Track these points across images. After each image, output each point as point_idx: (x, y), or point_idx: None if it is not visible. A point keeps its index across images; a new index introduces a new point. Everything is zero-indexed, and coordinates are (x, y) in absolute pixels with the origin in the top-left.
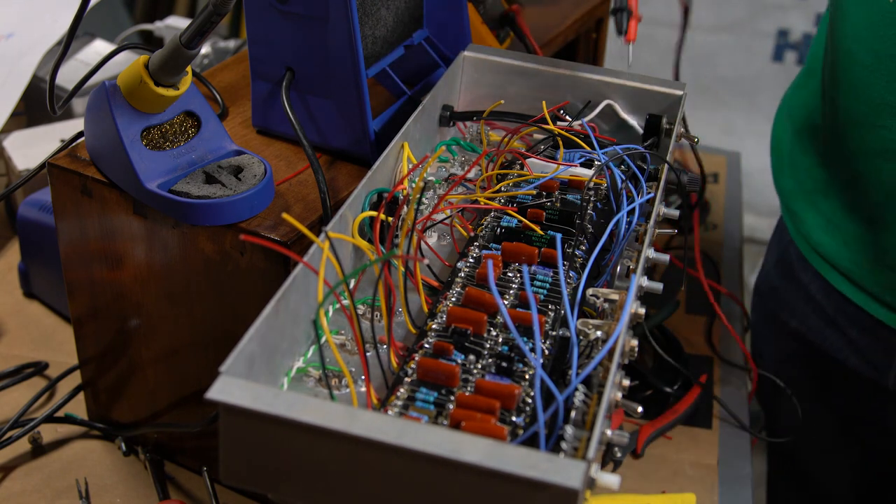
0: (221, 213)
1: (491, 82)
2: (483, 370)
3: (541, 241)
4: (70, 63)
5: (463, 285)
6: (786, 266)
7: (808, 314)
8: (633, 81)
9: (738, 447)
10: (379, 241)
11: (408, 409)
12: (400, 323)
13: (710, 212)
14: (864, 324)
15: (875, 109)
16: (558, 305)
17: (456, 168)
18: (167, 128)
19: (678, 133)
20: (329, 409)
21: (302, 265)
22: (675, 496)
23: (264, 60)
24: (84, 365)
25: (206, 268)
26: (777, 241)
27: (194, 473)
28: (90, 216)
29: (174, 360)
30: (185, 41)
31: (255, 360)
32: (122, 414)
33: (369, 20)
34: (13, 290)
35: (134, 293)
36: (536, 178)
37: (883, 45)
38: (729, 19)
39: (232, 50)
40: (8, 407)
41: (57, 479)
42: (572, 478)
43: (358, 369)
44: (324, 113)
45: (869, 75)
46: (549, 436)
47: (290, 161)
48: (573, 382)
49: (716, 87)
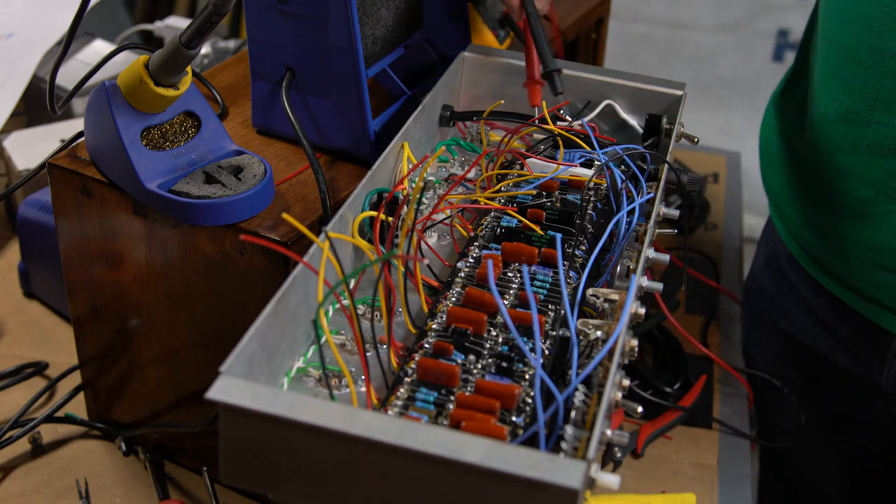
0: (221, 213)
1: (491, 82)
2: (483, 370)
3: (541, 241)
4: (70, 63)
5: (463, 285)
6: (775, 266)
7: (798, 314)
8: (633, 81)
9: (738, 447)
10: (379, 241)
11: (408, 409)
12: (400, 323)
13: (710, 212)
14: (854, 323)
15: (870, 105)
16: (558, 305)
17: (456, 168)
18: (167, 128)
19: (678, 133)
20: (329, 409)
21: (302, 265)
22: (675, 496)
23: (264, 60)
24: (84, 365)
25: (206, 268)
26: (766, 242)
27: (194, 473)
28: (90, 216)
29: (174, 360)
30: (185, 41)
31: (255, 360)
32: (122, 414)
33: (369, 20)
34: (13, 290)
35: (134, 293)
36: (536, 178)
37: (879, 40)
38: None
39: (232, 50)
40: (8, 407)
41: (57, 479)
42: (572, 478)
43: (358, 369)
44: (324, 113)
45: (864, 71)
46: (549, 436)
47: (290, 161)
48: (573, 382)
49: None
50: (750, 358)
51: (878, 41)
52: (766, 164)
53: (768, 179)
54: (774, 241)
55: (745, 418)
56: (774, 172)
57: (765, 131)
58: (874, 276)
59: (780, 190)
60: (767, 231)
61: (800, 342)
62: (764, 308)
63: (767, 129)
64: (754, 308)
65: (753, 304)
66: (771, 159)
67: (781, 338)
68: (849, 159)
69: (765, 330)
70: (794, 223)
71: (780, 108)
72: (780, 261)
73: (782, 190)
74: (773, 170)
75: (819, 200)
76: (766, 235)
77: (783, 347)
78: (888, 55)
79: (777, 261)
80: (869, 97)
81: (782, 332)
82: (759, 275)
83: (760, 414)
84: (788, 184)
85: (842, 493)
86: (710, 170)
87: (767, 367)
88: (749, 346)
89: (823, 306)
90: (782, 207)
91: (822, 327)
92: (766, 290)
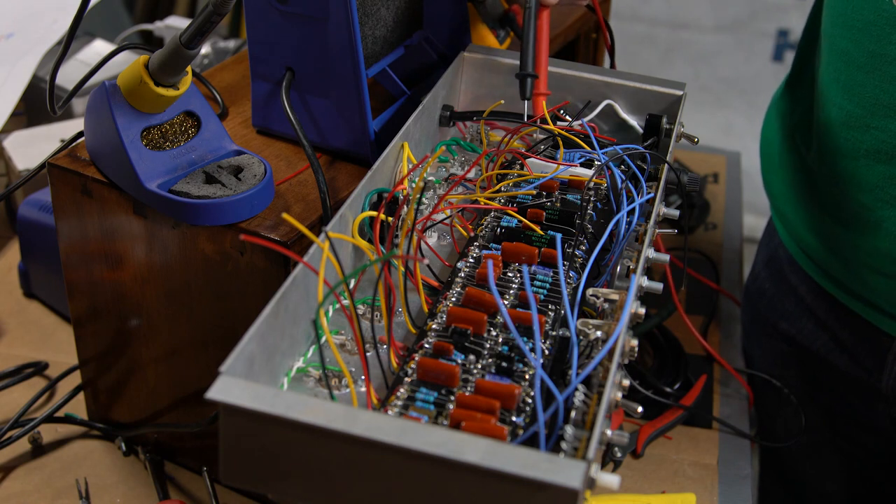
0: (221, 213)
1: (491, 82)
2: (483, 370)
3: (541, 241)
4: (70, 63)
5: (463, 285)
6: (775, 268)
7: (799, 316)
8: (633, 81)
9: (738, 447)
10: (379, 241)
11: (408, 409)
12: (400, 323)
13: (710, 212)
14: (854, 326)
15: (869, 110)
16: (558, 305)
17: (456, 168)
18: (167, 128)
19: (678, 133)
20: (329, 409)
21: (302, 265)
22: (675, 496)
23: (264, 60)
24: (84, 365)
25: (206, 268)
26: (766, 244)
27: (194, 473)
28: (90, 216)
29: (174, 360)
30: (185, 41)
31: (255, 360)
32: (122, 414)
33: (369, 20)
34: (13, 290)
35: (134, 293)
36: (536, 178)
37: (879, 45)
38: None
39: (232, 50)
40: (8, 407)
41: (57, 479)
42: (572, 478)
43: (358, 369)
44: (324, 113)
45: (864, 76)
46: (549, 436)
47: (290, 161)
48: (573, 382)
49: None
50: (750, 358)
51: (878, 46)
52: (766, 167)
53: (769, 183)
54: (775, 244)
55: (745, 418)
56: (775, 176)
57: (765, 135)
58: (873, 281)
59: (781, 193)
60: (768, 233)
61: (800, 344)
62: (764, 310)
63: (768, 133)
64: (754, 309)
65: (754, 305)
66: (772, 163)
67: (781, 339)
68: (849, 164)
69: (765, 331)
70: (794, 226)
71: (780, 111)
72: (781, 263)
73: (783, 194)
74: (774, 173)
75: (820, 205)
76: (766, 237)
77: (783, 349)
78: (887, 60)
79: (778, 263)
80: (868, 102)
81: (782, 334)
82: (760, 276)
83: (760, 414)
84: (789, 188)
85: (842, 493)
86: (710, 170)
87: (767, 367)
88: (749, 347)
89: (824, 309)
90: (783, 211)
91: (822, 330)
92: (767, 292)
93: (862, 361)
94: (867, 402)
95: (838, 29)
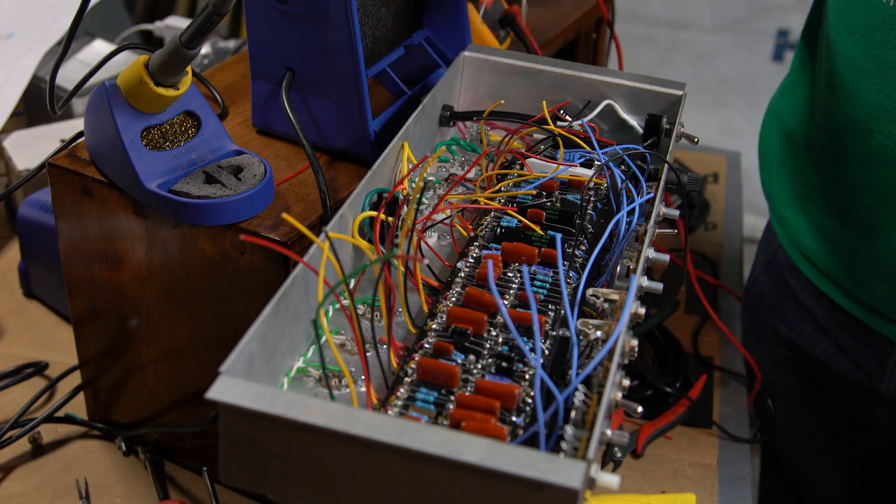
0: (221, 213)
1: (491, 82)
2: (483, 370)
3: (541, 241)
4: (70, 63)
5: (463, 285)
6: (775, 271)
7: (799, 320)
8: (633, 81)
9: (738, 447)
10: (379, 241)
11: (408, 409)
12: (400, 323)
13: (710, 212)
14: (854, 330)
15: (872, 115)
16: (558, 305)
17: (456, 168)
18: (167, 128)
19: (678, 133)
20: (329, 409)
21: (302, 265)
22: (675, 496)
23: (264, 60)
24: (84, 365)
25: (206, 268)
26: (766, 247)
27: (194, 473)
28: (90, 216)
29: (174, 360)
30: (185, 41)
31: (255, 360)
32: (122, 414)
33: (369, 20)
34: (13, 290)
35: (134, 293)
36: (536, 178)
37: (882, 49)
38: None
39: (232, 50)
40: (8, 407)
41: (57, 479)
42: (572, 478)
43: (358, 369)
44: (324, 113)
45: (867, 80)
46: (549, 436)
47: (290, 161)
48: (573, 382)
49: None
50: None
51: (881, 50)
52: (765, 171)
53: (768, 186)
54: (774, 247)
55: (745, 418)
56: (774, 180)
57: (764, 138)
58: (874, 286)
59: (780, 197)
60: (767, 235)
61: (800, 348)
62: (764, 313)
63: (767, 135)
64: (754, 312)
65: (753, 307)
66: (770, 167)
67: (781, 343)
68: (851, 169)
69: (765, 334)
70: (794, 230)
71: (778, 115)
72: (781, 266)
73: (782, 197)
74: (772, 177)
75: (820, 209)
76: (766, 240)
77: (783, 352)
78: (890, 65)
79: (777, 266)
80: (871, 107)
81: (782, 338)
82: (759, 279)
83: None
84: (789, 191)
85: (842, 493)
86: (710, 170)
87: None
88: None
89: (824, 313)
90: (782, 214)
91: (822, 334)
92: (767, 295)
93: (863, 366)
94: (868, 405)
95: (841, 32)
